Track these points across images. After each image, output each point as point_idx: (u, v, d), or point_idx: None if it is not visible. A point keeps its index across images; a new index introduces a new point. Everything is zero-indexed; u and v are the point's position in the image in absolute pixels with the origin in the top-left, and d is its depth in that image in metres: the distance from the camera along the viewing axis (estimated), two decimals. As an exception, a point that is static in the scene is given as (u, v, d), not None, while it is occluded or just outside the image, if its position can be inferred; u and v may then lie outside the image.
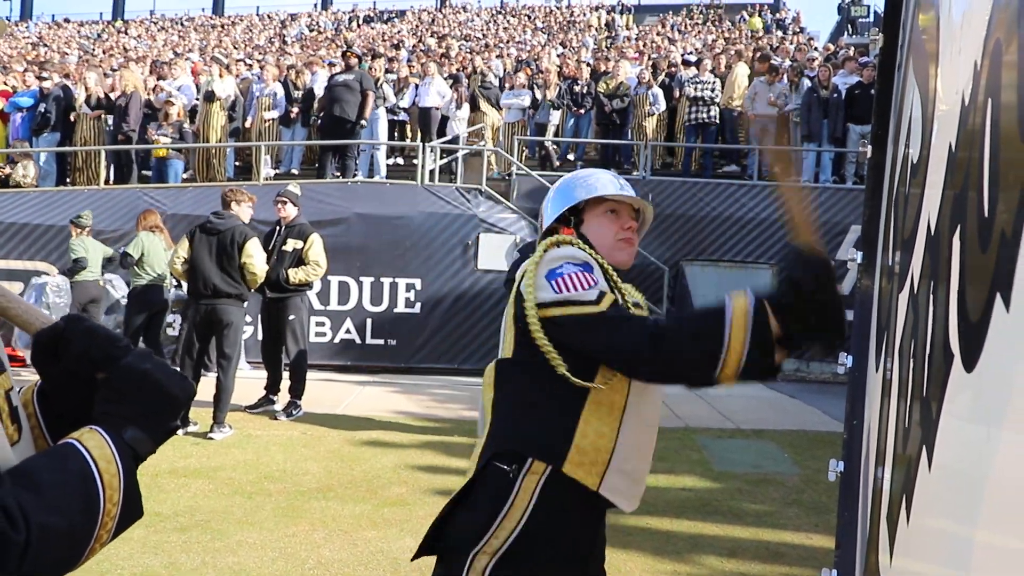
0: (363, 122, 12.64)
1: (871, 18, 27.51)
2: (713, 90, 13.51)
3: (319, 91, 13.74)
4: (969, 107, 1.05)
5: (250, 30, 31.32)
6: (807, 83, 13.14)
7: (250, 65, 16.72)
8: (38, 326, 1.29)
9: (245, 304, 7.55)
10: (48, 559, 1.01)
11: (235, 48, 23.19)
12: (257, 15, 36.33)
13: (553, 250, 2.21)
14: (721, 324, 1.88)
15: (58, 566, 1.04)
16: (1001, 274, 0.78)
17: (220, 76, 14.12)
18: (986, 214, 0.87)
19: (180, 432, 7.05)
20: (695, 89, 13.49)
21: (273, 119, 13.89)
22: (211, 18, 36.18)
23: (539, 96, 14.44)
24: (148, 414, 1.20)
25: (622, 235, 2.27)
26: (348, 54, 13.84)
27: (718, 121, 13.61)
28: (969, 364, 0.92)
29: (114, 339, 1.23)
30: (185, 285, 7.66)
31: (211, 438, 7.10)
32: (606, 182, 2.31)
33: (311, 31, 30.34)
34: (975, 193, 0.94)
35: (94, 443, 1.12)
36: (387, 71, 15.35)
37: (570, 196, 2.36)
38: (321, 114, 13.20)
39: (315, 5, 39.14)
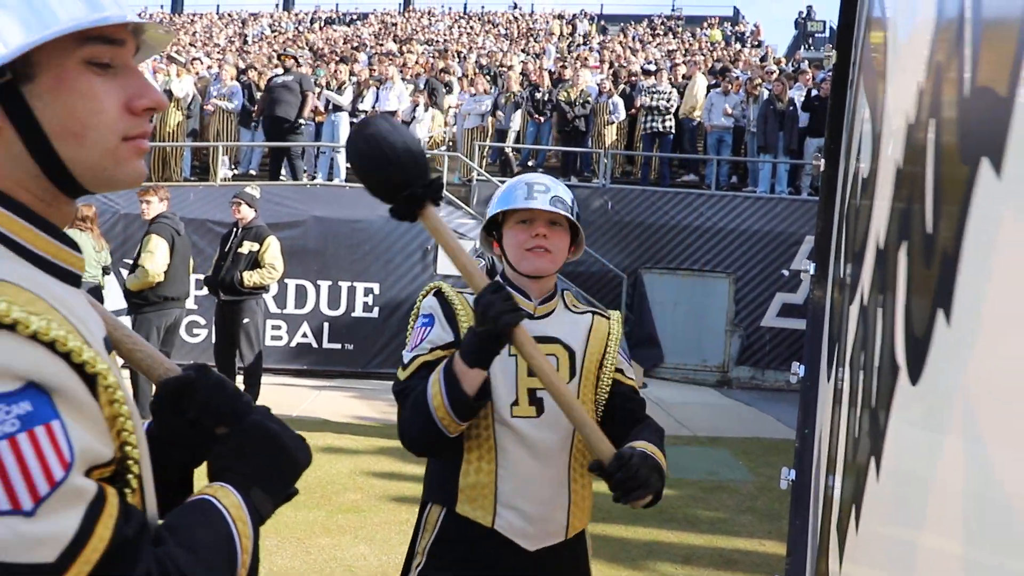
0: (301, 121, 12.58)
1: (827, 33, 27.98)
2: (668, 100, 13.60)
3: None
4: (914, 125, 1.08)
5: (209, 29, 30.98)
6: (764, 95, 13.33)
7: (208, 65, 16.53)
8: (162, 373, 1.28)
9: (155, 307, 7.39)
10: None
11: (193, 47, 22.92)
12: (217, 14, 35.95)
13: (423, 299, 2.30)
14: (424, 396, 2.05)
15: None
16: (943, 289, 0.80)
17: (178, 75, 13.95)
18: (929, 230, 0.89)
19: None
20: (651, 99, 13.59)
21: (229, 111, 13.75)
22: (170, 16, 35.72)
23: (501, 100, 14.46)
24: (271, 475, 1.19)
25: (529, 244, 2.19)
26: (284, 56, 13.76)
27: (674, 130, 13.73)
28: (914, 376, 0.94)
29: (240, 394, 1.23)
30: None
31: None
32: (514, 194, 2.25)
33: (272, 31, 30.09)
34: (919, 209, 0.96)
35: (230, 502, 1.11)
36: (351, 73, 15.28)
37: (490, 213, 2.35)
38: (260, 117, 13.13)
39: (276, 5, 38.83)
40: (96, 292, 8.82)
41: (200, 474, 1.28)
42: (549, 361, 1.99)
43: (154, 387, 1.29)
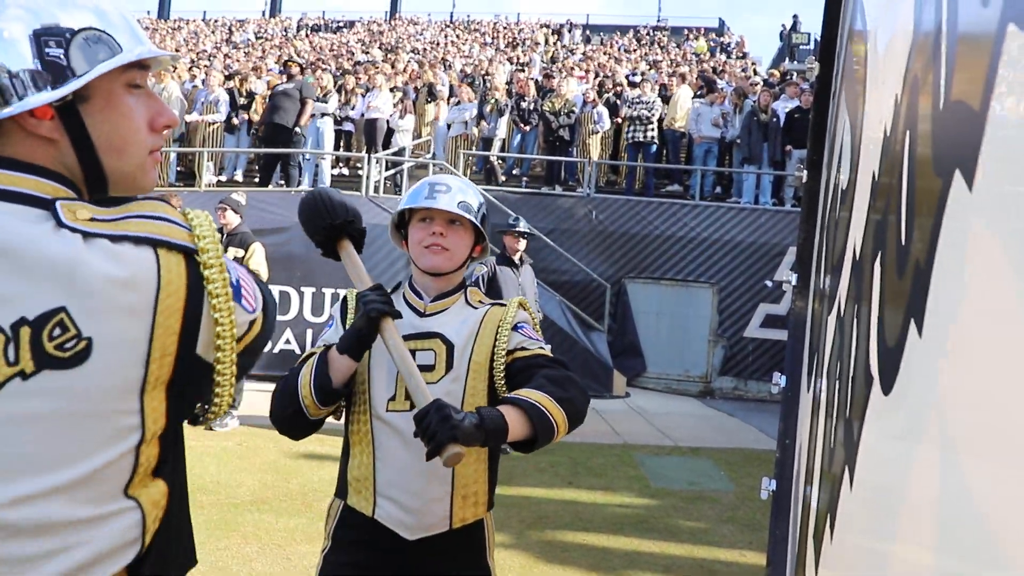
0: (298, 128, 12.58)
1: (811, 45, 28.17)
2: (651, 109, 13.64)
3: (260, 98, 13.67)
4: (891, 137, 1.09)
5: (196, 35, 30.89)
6: (748, 106, 13.39)
7: (194, 75, 16.46)
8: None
9: None
10: None
11: (179, 52, 22.84)
12: (204, 20, 35.86)
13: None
14: (296, 377, 2.20)
15: None
16: (915, 300, 0.81)
17: (163, 80, 13.88)
18: (903, 241, 0.90)
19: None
20: (634, 109, 13.63)
21: (215, 124, 13.72)
22: (156, 22, 35.59)
23: (486, 109, 14.47)
24: None
25: (427, 241, 2.32)
26: (290, 63, 13.75)
27: (656, 140, 13.77)
28: (887, 387, 0.95)
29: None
30: None
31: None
32: (417, 194, 2.38)
33: (258, 38, 30.04)
34: (894, 220, 0.97)
35: None
36: (335, 80, 15.27)
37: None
38: (262, 125, 13.12)
39: (263, 12, 38.77)
40: None
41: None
42: (406, 349, 2.09)
43: None
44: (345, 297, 2.39)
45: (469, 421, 1.88)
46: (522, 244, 7.58)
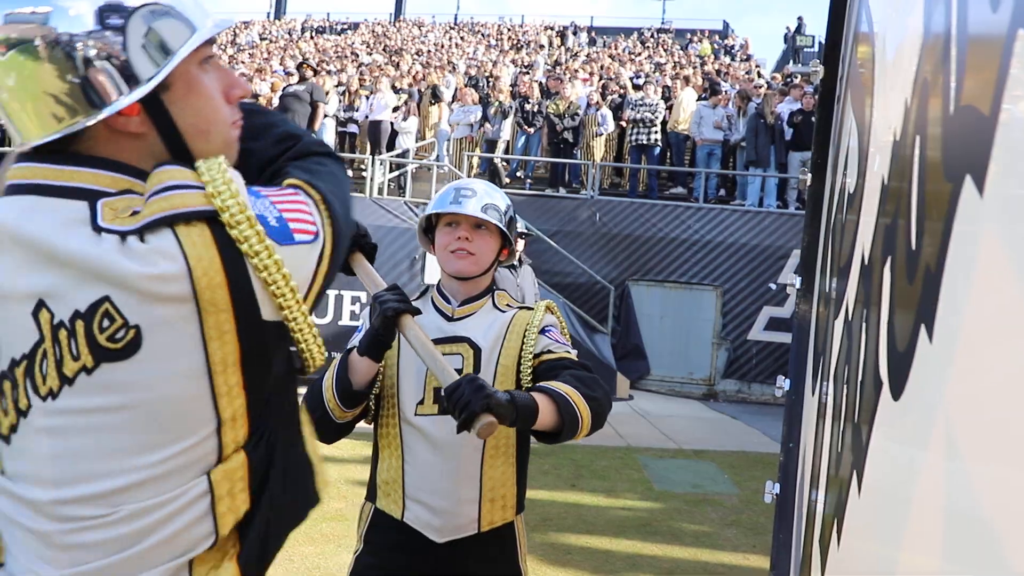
0: (312, 134, 12.55)
1: (816, 48, 28.15)
2: (654, 112, 13.64)
3: (264, 100, 13.64)
4: (900, 141, 1.09)
5: (200, 36, 30.91)
6: (753, 109, 13.38)
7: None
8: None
9: None
10: None
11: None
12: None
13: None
14: (321, 382, 2.23)
15: None
16: (925, 305, 0.81)
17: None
18: (913, 246, 0.90)
19: None
20: (637, 112, 13.63)
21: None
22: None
23: (491, 112, 14.47)
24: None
25: (453, 246, 2.33)
26: (304, 66, 13.73)
27: (660, 143, 13.76)
28: (896, 392, 0.94)
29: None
30: None
31: None
32: (443, 199, 2.39)
33: (263, 40, 30.08)
34: (904, 225, 0.97)
35: None
36: (337, 84, 15.29)
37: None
38: None
39: (268, 14, 38.81)
40: None
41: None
42: (428, 338, 2.03)
43: None
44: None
45: (501, 395, 1.89)
46: (520, 244, 7.58)
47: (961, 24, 0.78)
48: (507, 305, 2.42)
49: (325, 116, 13.67)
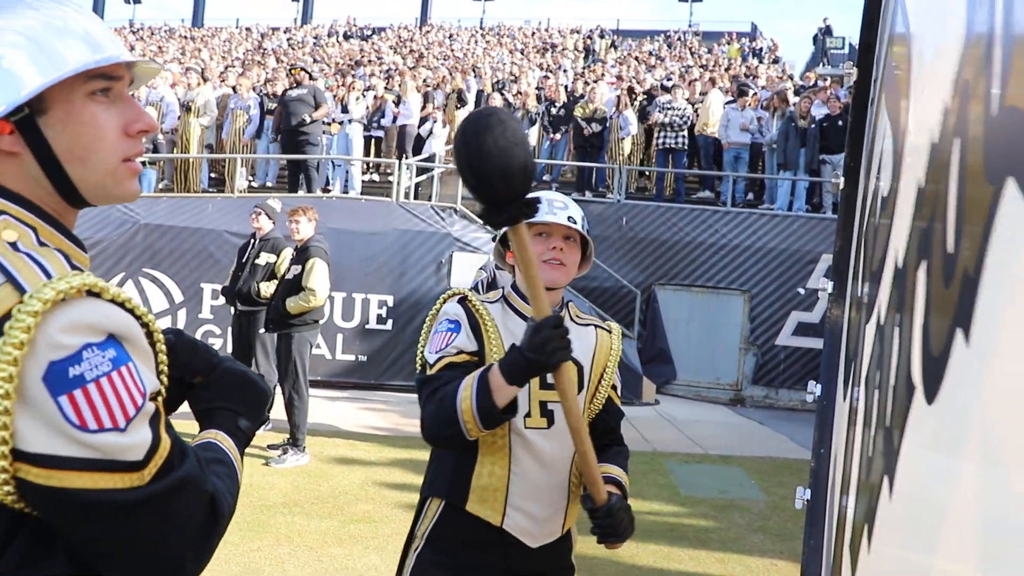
0: (318, 131, 12.58)
1: (845, 50, 27.94)
2: (682, 116, 13.58)
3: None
4: (938, 144, 1.08)
5: (229, 42, 31.21)
6: (787, 111, 13.28)
7: (223, 78, 16.60)
8: None
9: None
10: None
11: (212, 60, 23.09)
12: (236, 27, 36.20)
13: (444, 304, 2.42)
14: (454, 398, 2.16)
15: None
16: (963, 309, 0.80)
17: (198, 85, 14.06)
18: (950, 250, 0.89)
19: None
20: (665, 115, 13.58)
21: (247, 133, 13.81)
22: (190, 30, 36.00)
23: (517, 116, 14.47)
24: (251, 408, 1.48)
25: (547, 256, 2.33)
26: (294, 71, 13.74)
27: (687, 147, 13.70)
28: (930, 396, 0.93)
29: (209, 348, 1.49)
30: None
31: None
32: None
33: (290, 44, 30.29)
34: (941, 228, 0.96)
35: (228, 445, 1.41)
36: (366, 88, 15.36)
37: None
38: (278, 134, 13.10)
39: (295, 20, 39.08)
40: None
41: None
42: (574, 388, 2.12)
43: None
44: (465, 297, 2.40)
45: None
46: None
47: (1007, 24, 0.77)
48: (578, 316, 2.50)
49: (352, 121, 13.73)
